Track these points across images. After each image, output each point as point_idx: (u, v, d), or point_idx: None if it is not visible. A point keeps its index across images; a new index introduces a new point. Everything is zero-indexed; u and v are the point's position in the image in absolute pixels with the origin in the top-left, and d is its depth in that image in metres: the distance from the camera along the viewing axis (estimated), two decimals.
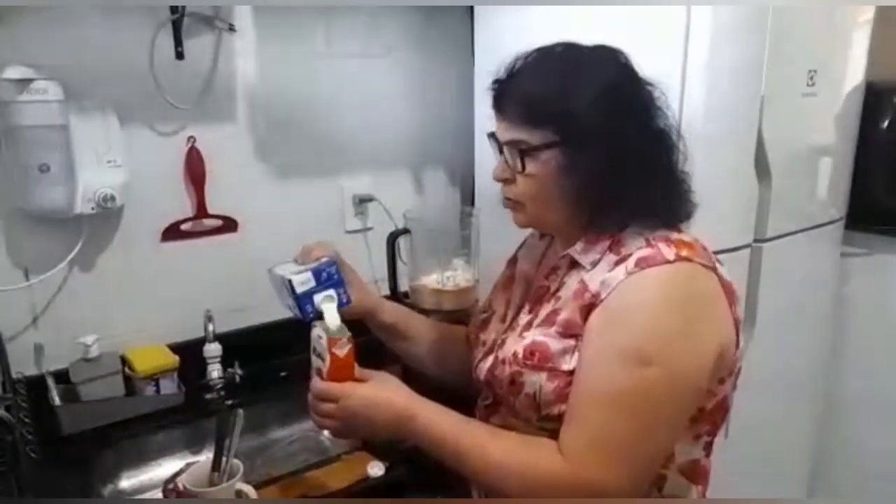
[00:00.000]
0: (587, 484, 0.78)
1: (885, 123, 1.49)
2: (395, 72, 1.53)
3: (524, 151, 0.85)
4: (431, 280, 1.38)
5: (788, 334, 1.41)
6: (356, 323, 1.11)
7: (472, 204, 1.55)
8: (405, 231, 1.38)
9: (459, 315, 1.32)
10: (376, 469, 1.04)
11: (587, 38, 0.89)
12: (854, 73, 1.40)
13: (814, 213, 1.41)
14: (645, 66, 0.90)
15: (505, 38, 0.91)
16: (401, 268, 1.43)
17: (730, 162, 1.18)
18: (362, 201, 1.52)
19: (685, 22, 1.08)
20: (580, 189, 0.84)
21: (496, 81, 0.88)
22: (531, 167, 0.86)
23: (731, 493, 1.26)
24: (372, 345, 1.18)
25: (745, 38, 1.13)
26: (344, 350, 0.88)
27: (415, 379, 1.19)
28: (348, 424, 0.90)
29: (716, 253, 1.14)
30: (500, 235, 0.99)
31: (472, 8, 1.48)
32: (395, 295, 1.41)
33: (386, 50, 1.50)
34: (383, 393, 0.90)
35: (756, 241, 1.26)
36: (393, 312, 1.14)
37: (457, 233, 1.38)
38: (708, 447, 0.90)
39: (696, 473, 0.89)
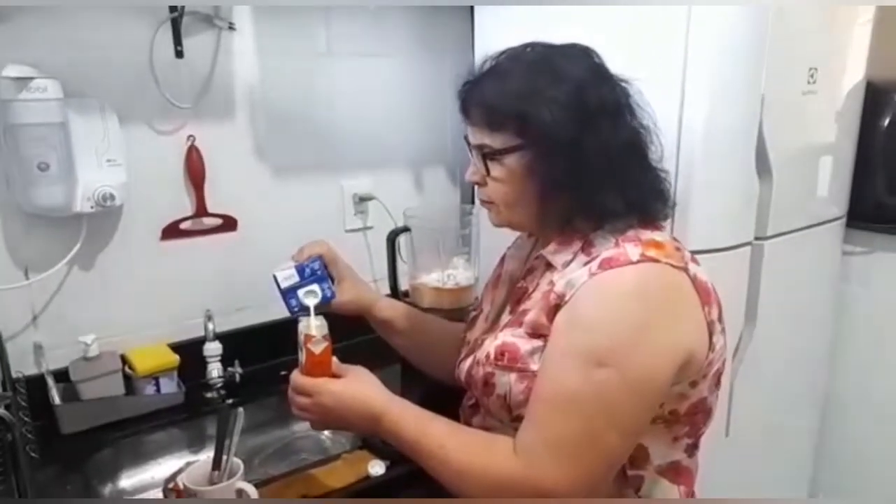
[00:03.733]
0: (537, 483, 0.78)
1: (886, 121, 1.48)
2: (395, 71, 1.53)
3: (487, 156, 0.87)
4: (432, 278, 1.38)
5: (789, 332, 1.41)
6: (357, 319, 1.12)
7: (472, 202, 1.55)
8: (405, 229, 1.38)
9: (459, 313, 1.32)
10: (377, 468, 1.04)
11: (587, 37, 0.89)
12: (854, 70, 1.40)
13: (814, 211, 1.41)
14: (645, 64, 0.90)
15: (505, 38, 0.91)
16: (401, 266, 1.43)
17: (730, 160, 1.17)
18: (362, 200, 1.52)
19: (685, 20, 1.08)
20: (546, 191, 0.85)
21: (463, 85, 0.89)
22: (496, 171, 0.87)
23: (730, 490, 1.26)
24: (373, 342, 1.18)
25: (746, 36, 1.13)
26: (319, 347, 0.90)
27: (414, 377, 1.20)
28: (322, 419, 0.92)
29: (716, 251, 1.16)
30: (500, 234, 0.99)
31: (472, 7, 1.48)
32: (396, 293, 1.41)
33: (386, 49, 1.50)
34: (354, 391, 0.90)
35: (757, 238, 1.26)
36: (390, 308, 1.14)
37: (457, 231, 1.39)
38: (690, 448, 0.89)
39: (676, 474, 0.88)
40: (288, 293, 1.02)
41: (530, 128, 0.82)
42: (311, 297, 0.99)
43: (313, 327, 0.91)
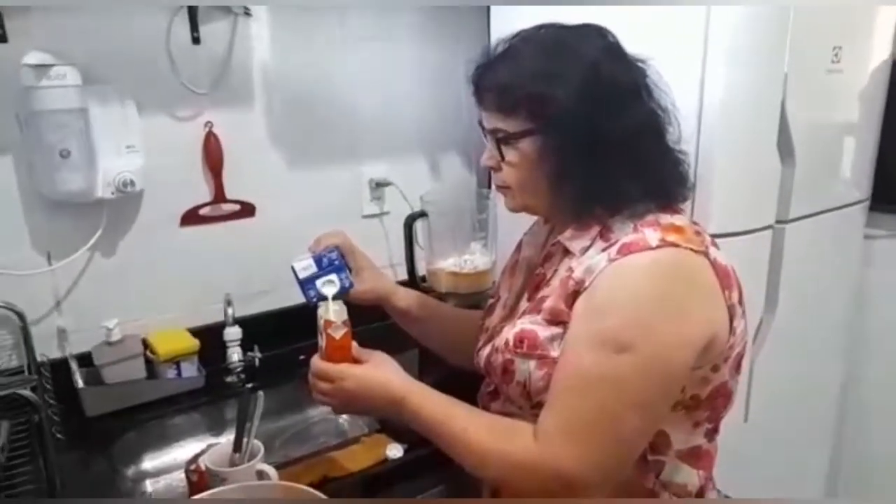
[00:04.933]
0: (555, 467, 0.77)
1: None
2: (412, 56, 1.52)
3: (501, 140, 0.85)
4: (449, 263, 1.38)
5: (810, 317, 1.39)
6: (374, 307, 1.12)
7: (489, 187, 1.54)
8: (422, 214, 1.38)
9: (477, 297, 1.32)
10: (395, 451, 1.05)
11: (606, 18, 0.87)
12: (880, 49, 1.36)
13: (837, 193, 1.38)
14: (665, 43, 0.88)
15: (521, 20, 0.90)
16: (418, 252, 1.42)
17: (752, 141, 1.16)
18: (379, 186, 1.52)
19: None
20: (561, 176, 0.83)
21: (476, 69, 0.87)
22: (510, 155, 0.86)
23: (749, 476, 1.25)
24: (390, 328, 1.19)
25: (769, 14, 1.10)
26: (339, 333, 0.90)
27: (431, 363, 1.20)
28: (344, 404, 0.92)
29: (737, 234, 1.15)
30: (517, 218, 0.98)
31: None
32: (413, 278, 1.41)
33: (401, 34, 1.49)
34: (377, 375, 0.90)
35: (778, 222, 1.24)
36: (407, 297, 1.14)
37: (474, 216, 1.38)
38: (710, 433, 0.89)
39: (696, 458, 0.88)
40: (306, 283, 1.02)
41: (544, 110, 0.80)
42: (329, 286, 1.00)
43: (332, 313, 0.91)
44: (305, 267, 1.03)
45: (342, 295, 1.03)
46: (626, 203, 0.83)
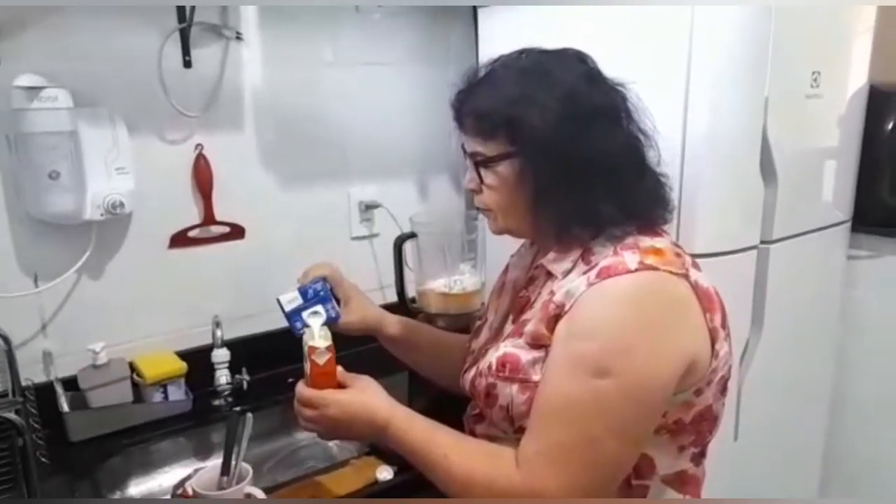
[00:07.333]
0: (539, 493, 0.77)
1: (890, 125, 1.48)
2: (401, 80, 1.54)
3: (480, 164, 0.87)
4: (438, 284, 1.38)
5: (796, 336, 1.41)
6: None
7: (477, 208, 1.55)
8: (412, 235, 1.38)
9: (466, 319, 1.32)
10: (385, 473, 1.04)
11: (590, 43, 0.89)
12: (858, 74, 1.40)
13: (820, 214, 1.41)
14: (649, 68, 0.90)
15: (508, 45, 0.91)
16: (407, 273, 1.43)
17: (735, 164, 1.18)
18: (368, 208, 1.53)
19: (689, 24, 1.09)
20: (539, 199, 0.84)
21: (456, 94, 0.88)
22: (489, 179, 0.87)
23: (738, 494, 1.25)
24: (379, 351, 1.19)
25: (749, 40, 1.13)
26: (323, 359, 0.90)
27: (421, 385, 1.20)
28: (329, 429, 0.92)
29: (722, 255, 1.16)
30: (506, 240, 0.99)
31: (475, 16, 1.49)
32: (403, 300, 1.42)
33: (390, 58, 1.51)
34: (360, 401, 0.90)
35: (763, 242, 1.26)
36: (397, 325, 1.14)
37: (463, 237, 1.39)
38: (697, 457, 0.88)
39: (682, 483, 0.88)
40: (292, 316, 1.02)
41: (521, 134, 0.81)
42: (315, 318, 1.00)
43: (317, 338, 0.91)
44: (291, 299, 1.03)
45: (330, 325, 1.03)
46: (606, 225, 0.84)
